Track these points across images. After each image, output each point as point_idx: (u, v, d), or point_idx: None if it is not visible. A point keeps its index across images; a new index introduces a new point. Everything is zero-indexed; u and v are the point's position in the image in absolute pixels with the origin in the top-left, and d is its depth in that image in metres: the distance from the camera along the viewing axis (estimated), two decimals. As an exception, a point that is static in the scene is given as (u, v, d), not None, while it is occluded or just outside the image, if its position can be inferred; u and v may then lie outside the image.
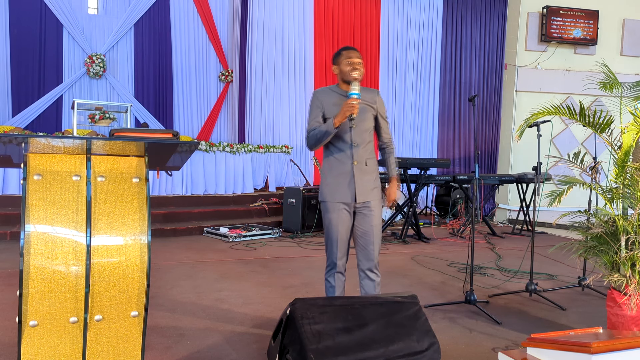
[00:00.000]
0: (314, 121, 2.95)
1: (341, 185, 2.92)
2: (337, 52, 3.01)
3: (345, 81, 2.95)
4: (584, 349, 2.15)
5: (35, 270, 1.96)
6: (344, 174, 2.92)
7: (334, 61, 3.02)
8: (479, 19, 10.02)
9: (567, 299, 4.21)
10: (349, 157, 2.92)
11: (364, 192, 2.92)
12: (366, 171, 2.94)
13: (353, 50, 2.97)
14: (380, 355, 2.35)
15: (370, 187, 2.95)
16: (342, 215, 2.93)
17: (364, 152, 2.94)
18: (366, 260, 2.95)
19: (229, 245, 6.08)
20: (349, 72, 2.90)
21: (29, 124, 8.65)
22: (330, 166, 2.97)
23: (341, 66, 2.94)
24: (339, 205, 2.92)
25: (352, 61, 2.91)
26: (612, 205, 3.09)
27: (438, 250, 6.30)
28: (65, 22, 8.87)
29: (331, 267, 2.99)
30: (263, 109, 9.32)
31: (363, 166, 2.93)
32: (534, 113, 3.63)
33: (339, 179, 2.93)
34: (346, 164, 2.92)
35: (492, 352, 3.02)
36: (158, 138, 2.15)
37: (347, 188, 2.91)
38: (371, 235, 2.93)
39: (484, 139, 10.00)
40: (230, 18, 9.98)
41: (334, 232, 2.94)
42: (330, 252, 2.98)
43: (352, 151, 2.91)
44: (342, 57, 2.94)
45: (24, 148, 1.99)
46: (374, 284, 2.97)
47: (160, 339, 3.05)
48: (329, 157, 2.99)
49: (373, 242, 2.93)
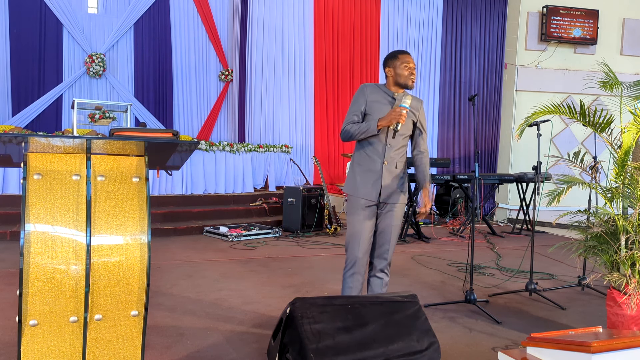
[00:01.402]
0: (353, 114, 2.96)
1: (367, 182, 2.93)
2: (392, 54, 3.00)
3: (399, 84, 2.97)
4: (584, 348, 2.15)
5: (35, 270, 1.96)
6: (372, 171, 2.93)
7: (387, 63, 3.01)
8: (478, 18, 10.01)
9: (567, 299, 4.21)
10: (380, 156, 2.92)
11: (389, 193, 2.93)
12: (395, 173, 2.94)
13: (409, 55, 2.99)
14: (380, 354, 2.35)
15: (396, 189, 2.95)
16: (368, 212, 2.93)
17: (396, 154, 2.95)
18: (379, 259, 2.96)
19: (228, 245, 6.08)
20: (407, 76, 2.93)
21: (28, 124, 8.65)
22: (360, 161, 2.97)
23: (397, 69, 2.95)
24: (364, 201, 2.92)
25: (410, 66, 2.94)
26: (612, 205, 3.09)
27: (438, 249, 6.30)
28: (65, 22, 8.87)
29: (352, 264, 2.95)
30: (263, 109, 9.32)
31: (392, 167, 2.94)
32: (534, 112, 3.62)
33: (366, 175, 2.94)
34: (376, 162, 2.92)
35: (492, 351, 3.02)
36: (158, 137, 2.15)
37: (372, 186, 2.92)
38: (388, 235, 2.93)
39: (484, 139, 10.00)
40: (230, 18, 9.98)
41: (359, 230, 2.92)
42: (352, 249, 2.95)
43: (384, 151, 2.91)
44: (399, 61, 2.95)
45: (24, 147, 1.99)
46: (382, 282, 2.97)
47: (160, 338, 3.05)
48: (360, 152, 2.98)
49: (389, 242, 2.94)
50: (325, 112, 9.78)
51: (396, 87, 2.99)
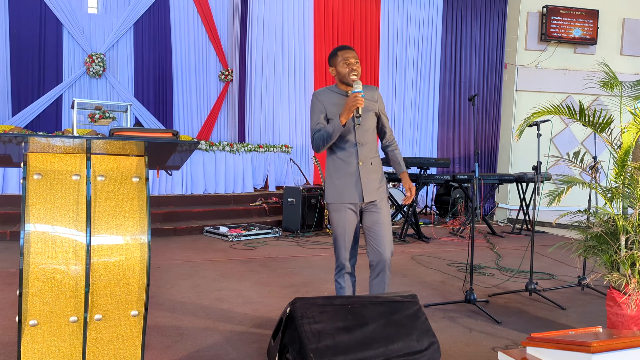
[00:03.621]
0: (316, 124, 2.90)
1: (348, 186, 2.89)
2: (332, 53, 2.95)
3: (344, 82, 2.91)
4: (584, 348, 2.15)
5: (35, 270, 1.96)
6: (349, 174, 2.89)
7: (330, 62, 2.96)
8: (478, 18, 10.01)
9: (567, 299, 4.21)
10: (354, 157, 2.89)
11: (371, 191, 2.90)
12: (372, 170, 2.92)
13: (348, 49, 2.90)
14: (380, 354, 2.35)
15: (377, 186, 2.93)
16: (349, 215, 2.91)
17: (369, 152, 2.92)
18: (377, 258, 2.90)
19: (228, 245, 6.08)
20: (347, 74, 2.86)
21: (28, 124, 8.65)
22: (335, 167, 2.94)
23: (338, 67, 2.90)
24: (347, 205, 2.90)
25: (348, 62, 2.87)
26: (612, 205, 3.09)
27: (438, 249, 6.30)
28: (65, 22, 8.87)
29: (340, 268, 2.97)
30: (263, 109, 9.32)
31: (368, 165, 2.91)
32: (534, 112, 3.62)
33: (345, 179, 2.90)
34: (352, 165, 2.89)
35: (491, 351, 3.02)
36: (158, 137, 2.15)
37: (354, 188, 2.89)
38: (381, 234, 2.89)
39: (484, 139, 10.00)
40: (230, 17, 9.98)
41: (342, 232, 2.92)
42: (338, 253, 2.96)
43: (356, 151, 2.88)
44: (339, 58, 2.89)
45: (24, 147, 1.99)
46: (383, 282, 2.94)
47: (160, 338, 3.05)
48: (333, 158, 2.94)
49: (382, 238, 2.89)
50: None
51: (344, 85, 2.93)
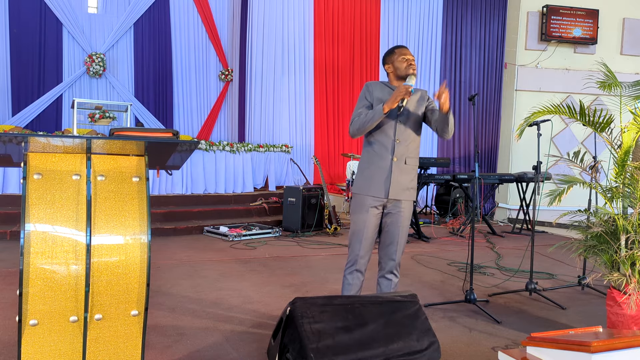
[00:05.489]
0: (359, 110, 2.94)
1: (376, 179, 2.90)
2: (389, 51, 3.01)
3: (400, 77, 2.95)
4: (584, 348, 2.15)
5: (35, 270, 1.96)
6: (381, 168, 2.90)
7: (385, 59, 3.02)
8: (479, 18, 10.01)
9: (567, 298, 4.21)
10: (389, 152, 2.89)
11: (398, 190, 2.90)
12: (404, 170, 2.91)
13: (406, 47, 2.99)
14: (380, 354, 2.35)
15: (406, 186, 2.92)
16: (372, 213, 2.91)
17: (405, 150, 2.92)
18: (388, 259, 2.92)
19: (228, 245, 6.08)
20: (405, 67, 2.92)
21: (28, 123, 8.64)
22: (369, 159, 2.95)
23: (396, 63, 2.95)
24: (370, 201, 2.90)
25: (407, 57, 2.93)
26: (612, 205, 3.09)
27: (438, 249, 6.30)
28: (65, 21, 8.87)
29: (352, 262, 2.96)
30: (263, 108, 9.31)
31: (402, 164, 2.91)
32: (534, 112, 3.62)
33: (376, 172, 2.90)
34: (385, 159, 2.89)
35: (492, 351, 3.02)
36: (158, 137, 2.15)
37: (382, 183, 2.88)
38: (396, 236, 2.90)
39: (484, 138, 10.00)
40: (230, 17, 9.98)
41: (360, 228, 2.91)
42: (353, 247, 2.95)
43: (393, 147, 2.89)
44: (396, 55, 2.96)
45: (24, 147, 1.99)
46: (391, 284, 2.94)
47: (160, 338, 3.05)
48: (368, 150, 2.96)
49: (397, 243, 2.90)
50: (325, 112, 9.78)
51: (398, 81, 2.97)
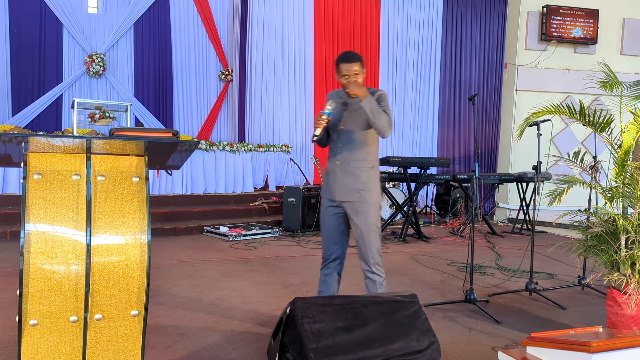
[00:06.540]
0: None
1: (327, 182, 3.05)
2: (336, 63, 2.97)
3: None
4: (584, 348, 2.15)
5: (35, 270, 1.96)
6: (329, 172, 3.04)
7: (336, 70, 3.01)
8: (479, 18, 10.01)
9: (567, 298, 4.21)
10: (334, 156, 3.00)
11: (343, 192, 2.95)
12: (350, 172, 2.94)
13: (347, 62, 2.88)
14: (380, 354, 2.35)
15: (352, 188, 2.93)
16: (329, 211, 3.04)
17: (349, 154, 2.94)
18: (361, 259, 3.01)
19: (228, 245, 6.08)
20: (344, 86, 2.90)
21: (28, 123, 8.64)
22: (327, 163, 3.11)
23: (339, 79, 2.95)
24: (327, 201, 3.05)
25: (344, 74, 2.88)
26: (612, 205, 3.09)
27: (438, 249, 6.30)
28: (65, 21, 8.86)
29: (323, 260, 3.15)
30: (263, 108, 9.31)
31: (347, 167, 2.94)
32: (534, 112, 3.62)
33: (326, 176, 3.07)
34: (332, 163, 3.02)
35: (492, 351, 3.02)
36: (158, 137, 2.15)
37: (329, 186, 3.02)
38: (359, 236, 2.96)
39: (484, 138, 10.00)
40: (230, 17, 9.97)
41: (322, 227, 3.11)
42: (323, 246, 3.14)
43: (337, 150, 2.99)
44: (337, 71, 2.93)
45: (24, 147, 1.99)
46: (375, 284, 2.97)
47: (160, 338, 3.05)
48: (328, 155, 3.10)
49: (364, 242, 2.94)
50: (325, 111, 9.76)
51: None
